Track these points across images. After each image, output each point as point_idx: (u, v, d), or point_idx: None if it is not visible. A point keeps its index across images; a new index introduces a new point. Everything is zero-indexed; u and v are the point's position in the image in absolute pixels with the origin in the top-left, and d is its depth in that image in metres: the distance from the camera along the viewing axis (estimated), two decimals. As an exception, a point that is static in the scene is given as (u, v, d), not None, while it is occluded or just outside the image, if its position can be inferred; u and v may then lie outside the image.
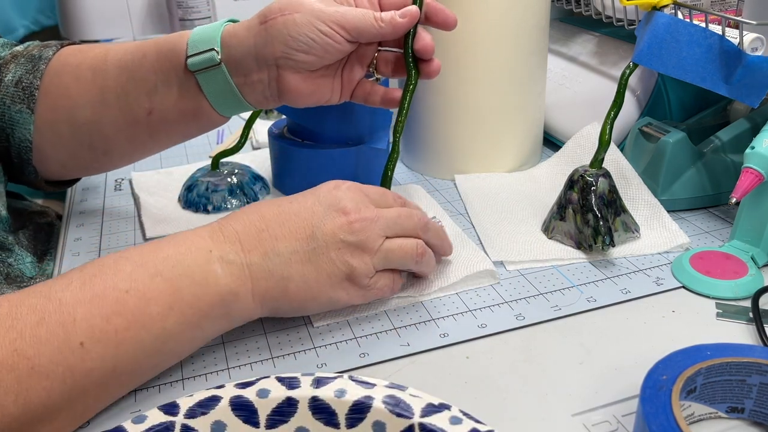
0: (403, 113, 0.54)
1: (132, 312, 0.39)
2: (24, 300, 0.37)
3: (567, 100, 0.76)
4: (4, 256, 0.55)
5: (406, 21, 0.51)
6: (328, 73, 0.53)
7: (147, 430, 0.33)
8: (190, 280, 0.41)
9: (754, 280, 0.50)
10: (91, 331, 0.37)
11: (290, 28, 0.49)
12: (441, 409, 0.34)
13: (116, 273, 0.39)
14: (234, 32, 0.52)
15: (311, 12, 0.49)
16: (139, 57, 0.54)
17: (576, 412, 0.40)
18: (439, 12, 0.54)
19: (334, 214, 0.44)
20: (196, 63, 0.51)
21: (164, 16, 1.16)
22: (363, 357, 0.45)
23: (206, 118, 0.55)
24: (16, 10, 1.29)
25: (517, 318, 0.48)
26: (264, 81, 0.52)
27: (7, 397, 0.35)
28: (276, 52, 0.50)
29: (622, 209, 0.56)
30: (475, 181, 0.69)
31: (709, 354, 0.37)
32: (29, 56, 0.58)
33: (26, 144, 0.57)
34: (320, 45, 0.50)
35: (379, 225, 0.45)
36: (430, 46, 0.53)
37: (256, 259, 0.42)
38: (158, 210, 0.66)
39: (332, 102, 0.55)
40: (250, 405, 0.35)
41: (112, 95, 0.55)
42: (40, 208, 0.69)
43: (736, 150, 0.61)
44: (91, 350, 0.37)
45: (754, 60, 0.54)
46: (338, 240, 0.44)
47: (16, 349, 0.35)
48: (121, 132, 0.56)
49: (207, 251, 0.42)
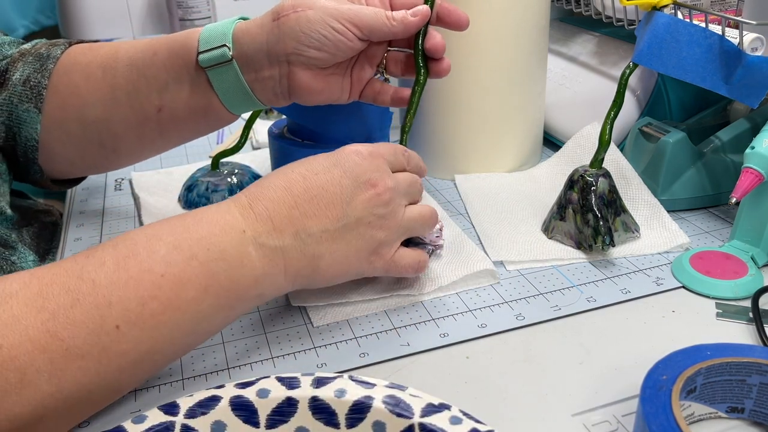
0: (411, 111, 0.54)
1: (168, 296, 0.38)
2: (55, 279, 0.37)
3: (567, 100, 0.76)
4: (7, 253, 0.55)
5: (418, 20, 0.51)
6: (338, 71, 0.54)
7: (147, 430, 0.33)
8: (226, 264, 0.40)
9: (754, 280, 0.50)
10: (126, 314, 0.37)
11: (303, 25, 0.49)
12: (441, 409, 0.34)
13: (150, 255, 0.39)
14: (246, 29, 0.52)
15: (324, 9, 0.50)
16: (149, 55, 0.54)
17: (576, 412, 0.40)
18: (451, 12, 0.54)
19: (363, 187, 0.44)
20: (208, 59, 0.52)
21: (164, 16, 1.16)
22: (363, 357, 0.45)
23: (216, 116, 0.55)
24: (16, 10, 1.30)
25: (517, 318, 0.48)
26: (275, 77, 0.52)
27: (40, 376, 0.35)
28: (288, 48, 0.50)
29: (622, 209, 0.56)
30: (475, 181, 0.69)
31: (709, 354, 0.37)
32: (37, 55, 0.58)
33: (32, 143, 0.57)
34: (332, 42, 0.50)
35: (400, 193, 0.46)
36: (441, 44, 0.54)
37: (289, 240, 0.42)
38: (158, 210, 0.66)
39: (341, 101, 0.55)
40: (250, 405, 0.35)
41: (123, 93, 0.55)
42: (44, 207, 0.69)
43: (736, 150, 0.61)
44: (126, 333, 0.37)
45: (754, 60, 0.54)
46: (369, 213, 0.44)
47: (49, 329, 0.35)
48: (132, 130, 0.56)
49: (240, 231, 0.41)
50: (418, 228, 0.48)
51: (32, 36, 1.35)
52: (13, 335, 0.35)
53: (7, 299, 0.36)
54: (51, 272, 0.38)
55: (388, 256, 0.46)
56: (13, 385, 0.34)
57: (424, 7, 0.52)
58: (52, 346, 0.35)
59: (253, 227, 0.42)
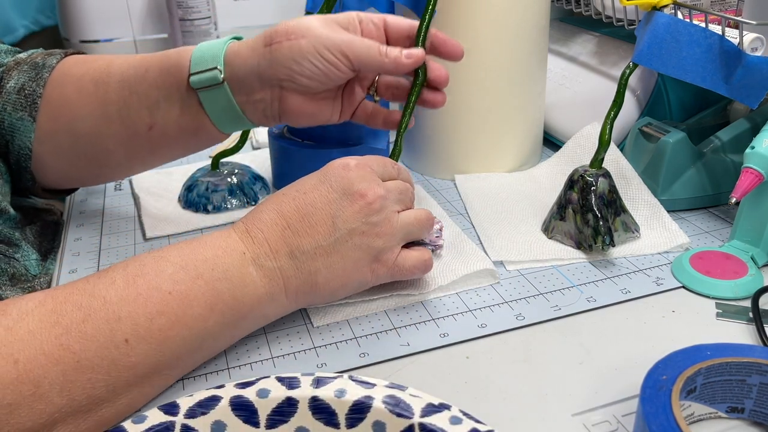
0: (408, 111, 0.54)
1: (175, 312, 0.40)
2: (68, 297, 0.39)
3: (567, 100, 0.76)
4: (11, 251, 0.55)
5: (411, 62, 0.52)
6: (329, 95, 0.54)
7: (147, 430, 0.33)
8: (230, 283, 0.42)
9: (754, 280, 0.50)
10: (135, 329, 0.39)
11: (295, 54, 0.50)
12: (441, 409, 0.34)
13: (158, 274, 0.41)
14: (237, 51, 0.52)
15: (317, 39, 0.50)
16: (141, 72, 0.54)
17: (576, 412, 0.40)
18: (446, 43, 0.54)
19: (351, 199, 0.45)
20: (199, 81, 0.52)
21: (164, 16, 1.16)
22: (363, 357, 0.45)
23: (206, 135, 0.56)
24: (16, 10, 1.29)
25: (517, 318, 0.48)
26: (266, 100, 0.53)
27: (52, 388, 0.36)
28: (280, 74, 0.51)
29: (622, 209, 0.56)
30: (475, 181, 0.69)
31: (709, 354, 0.37)
32: (33, 64, 0.58)
33: (26, 151, 0.57)
34: (323, 72, 0.50)
35: (391, 200, 0.46)
36: (445, 77, 0.54)
37: (285, 260, 0.44)
38: (158, 210, 0.66)
39: (332, 122, 0.56)
40: (250, 405, 0.35)
41: (114, 109, 0.55)
42: (46, 206, 0.69)
43: (736, 150, 0.61)
44: (135, 347, 0.39)
45: (754, 60, 0.54)
46: (360, 224, 0.45)
47: (62, 343, 0.37)
48: (122, 145, 0.56)
49: (241, 253, 0.43)
50: (416, 231, 0.48)
51: (32, 36, 1.35)
52: (28, 350, 0.36)
53: (23, 316, 0.37)
54: (65, 291, 0.40)
55: (391, 261, 0.46)
56: (26, 398, 0.35)
57: (419, 51, 0.52)
58: (65, 359, 0.37)
59: (252, 249, 0.44)
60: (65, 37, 1.16)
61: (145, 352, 0.39)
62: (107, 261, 0.58)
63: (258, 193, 0.67)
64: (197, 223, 0.64)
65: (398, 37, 0.54)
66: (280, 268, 0.44)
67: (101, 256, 0.59)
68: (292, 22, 0.51)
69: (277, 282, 0.44)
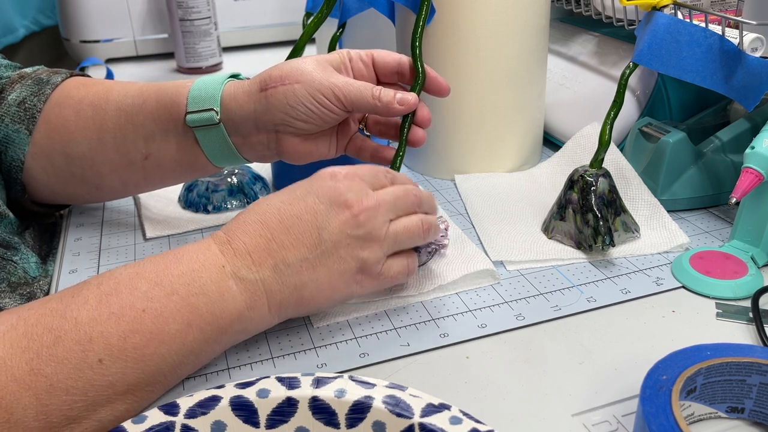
0: (401, 152, 0.55)
1: (150, 330, 0.39)
2: (40, 320, 0.38)
3: (567, 100, 0.76)
4: (9, 254, 0.55)
5: (402, 109, 0.52)
6: (325, 133, 0.55)
7: (147, 430, 0.33)
8: (207, 298, 0.41)
9: (754, 280, 0.50)
10: (108, 348, 0.38)
11: (290, 99, 0.50)
12: (441, 409, 0.34)
13: (132, 292, 0.40)
14: (234, 95, 0.52)
15: (311, 83, 0.50)
16: (139, 102, 0.54)
17: (576, 412, 0.40)
18: (433, 80, 0.56)
19: (338, 210, 0.44)
20: (195, 120, 0.52)
21: (164, 16, 1.16)
22: (363, 357, 0.45)
23: (201, 168, 0.56)
24: (16, 10, 1.30)
25: (517, 318, 0.48)
26: (263, 142, 0.53)
27: (26, 413, 0.36)
28: (275, 119, 0.51)
29: (622, 209, 0.56)
30: (475, 181, 0.69)
31: (709, 354, 0.37)
32: (37, 79, 0.58)
33: (18, 163, 0.57)
34: (318, 116, 0.51)
35: (382, 211, 0.45)
36: (428, 118, 0.56)
37: (268, 273, 0.42)
38: (158, 210, 0.66)
39: (329, 157, 0.56)
40: (250, 405, 0.35)
41: (110, 136, 0.55)
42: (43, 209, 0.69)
43: (736, 150, 0.61)
44: (110, 366, 0.38)
45: (753, 62, 0.54)
46: (346, 236, 0.43)
47: (33, 368, 0.36)
48: (116, 172, 0.57)
49: (220, 267, 0.42)
50: (405, 241, 0.46)
51: (32, 36, 1.35)
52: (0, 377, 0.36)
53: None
54: (37, 313, 0.39)
55: (376, 272, 0.45)
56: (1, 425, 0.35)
57: (413, 98, 0.53)
58: (37, 384, 0.36)
59: (232, 262, 0.42)
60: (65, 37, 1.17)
61: (121, 371, 0.38)
62: (107, 261, 0.58)
63: (258, 193, 0.67)
64: (197, 223, 0.64)
65: (386, 72, 0.55)
66: (263, 281, 0.42)
67: (101, 256, 0.59)
68: (286, 66, 0.51)
69: (259, 295, 0.42)
